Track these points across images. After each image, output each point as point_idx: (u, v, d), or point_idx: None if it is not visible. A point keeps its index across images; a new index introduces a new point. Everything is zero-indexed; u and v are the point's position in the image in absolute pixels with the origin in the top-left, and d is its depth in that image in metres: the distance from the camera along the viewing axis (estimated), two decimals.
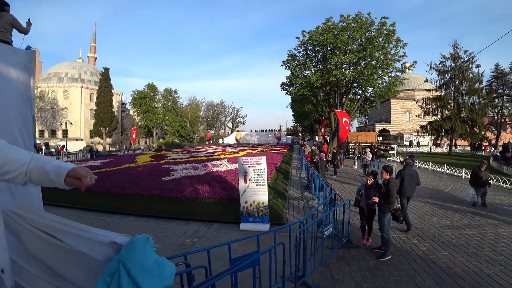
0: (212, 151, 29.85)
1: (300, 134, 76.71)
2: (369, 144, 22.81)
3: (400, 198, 6.72)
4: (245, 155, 23.92)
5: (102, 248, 0.98)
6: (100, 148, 39.31)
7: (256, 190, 6.50)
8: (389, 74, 20.14)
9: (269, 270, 3.44)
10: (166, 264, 0.84)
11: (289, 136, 62.30)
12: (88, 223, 6.14)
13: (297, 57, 22.60)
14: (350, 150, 23.15)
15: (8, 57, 4.65)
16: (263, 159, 6.55)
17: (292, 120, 61.65)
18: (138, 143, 51.80)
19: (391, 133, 52.25)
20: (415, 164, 11.93)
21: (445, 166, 16.02)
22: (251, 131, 62.73)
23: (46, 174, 1.08)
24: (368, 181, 5.49)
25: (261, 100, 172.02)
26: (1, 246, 0.97)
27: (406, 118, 54.29)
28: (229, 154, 24.61)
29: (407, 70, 52.02)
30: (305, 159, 16.15)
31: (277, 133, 59.59)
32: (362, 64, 20.09)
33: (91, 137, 50.06)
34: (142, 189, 9.48)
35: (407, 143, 43.25)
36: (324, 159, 11.17)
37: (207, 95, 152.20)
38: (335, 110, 18.18)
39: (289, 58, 22.52)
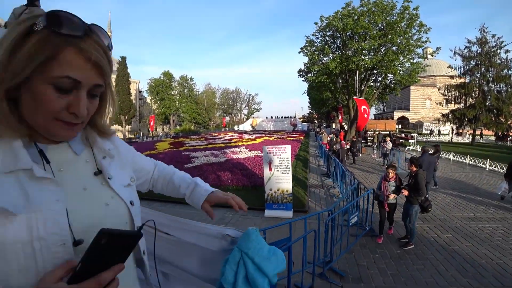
0: (229, 138, 30.19)
1: (316, 121, 76.02)
2: (389, 133, 22.48)
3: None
4: (262, 142, 24.14)
5: (215, 241, 1.16)
6: (120, 135, 40.45)
7: (281, 178, 6.70)
8: (411, 61, 19.55)
9: (302, 255, 3.65)
10: (278, 251, 0.99)
11: (305, 123, 61.89)
12: None
13: (315, 43, 22.22)
14: (369, 138, 22.92)
15: None
16: (288, 148, 6.71)
17: (308, 107, 61.15)
18: (156, 130, 52.86)
19: (410, 121, 50.97)
20: (440, 153, 11.74)
21: (468, 157, 15.65)
22: (266, 118, 62.68)
23: (176, 188, 1.18)
24: (391, 174, 5.47)
25: (276, 87, 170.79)
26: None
27: (426, 105, 52.66)
28: (246, 141, 24.85)
29: (428, 55, 50.20)
30: (324, 147, 16.21)
31: (292, 120, 59.27)
32: (382, 50, 19.57)
33: (111, 125, 51.23)
34: None
35: (427, 132, 41.93)
36: (345, 147, 11.20)
37: (222, 82, 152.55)
38: (354, 97, 17.94)
39: (307, 44, 22.18)
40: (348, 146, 14.44)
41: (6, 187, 0.58)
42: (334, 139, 15.46)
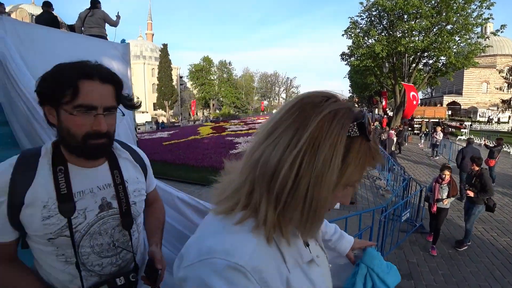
0: None
1: (356, 106, 72.90)
2: (438, 121, 21.08)
3: (460, 173, 7.86)
4: None
5: (343, 257, 1.32)
6: (164, 120, 42.62)
7: None
8: (468, 41, 17.73)
9: None
10: (393, 266, 1.17)
11: None
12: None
13: (360, 25, 21.08)
14: (415, 126, 21.73)
15: (109, 52, 5.38)
16: None
17: (349, 91, 58.71)
18: (197, 114, 54.67)
19: (462, 107, 46.42)
20: (503, 147, 10.74)
21: None
22: None
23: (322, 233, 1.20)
24: (446, 177, 4.99)
25: (314, 69, 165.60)
26: None
27: (482, 89, 46.93)
28: None
29: (489, 33, 44.48)
30: None
31: None
32: (434, 30, 17.99)
33: (154, 109, 54.25)
34: (215, 162, 10.42)
35: (483, 119, 37.01)
36: (393, 137, 10.82)
37: (260, 65, 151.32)
38: (402, 83, 16.97)
39: (350, 26, 21.14)
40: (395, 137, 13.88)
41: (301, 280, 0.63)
42: (379, 127, 14.95)
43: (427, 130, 17.60)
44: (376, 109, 35.69)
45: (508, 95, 28.00)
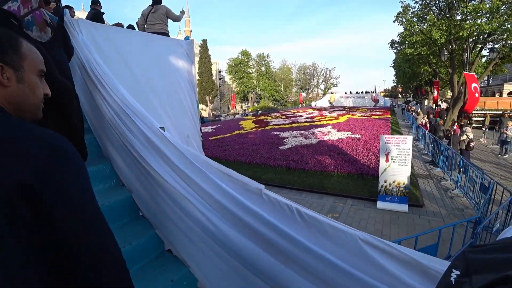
0: (309, 115, 29.69)
1: (400, 96, 69.03)
2: (503, 114, 18.99)
3: None
4: (346, 121, 23.14)
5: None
6: (205, 114, 43.66)
7: (398, 170, 6.35)
8: None
9: None
10: None
11: (387, 98, 56.68)
12: None
13: (413, 9, 19.39)
14: (474, 119, 19.82)
15: (176, 50, 5.31)
16: (409, 138, 6.26)
17: (393, 80, 55.37)
18: (235, 108, 55.27)
19: None
20: None
21: None
22: (345, 93, 59.39)
23: None
24: None
25: (353, 58, 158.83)
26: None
27: None
28: (330, 120, 24.13)
29: None
30: (423, 129, 14.67)
31: (374, 95, 54.83)
32: (503, 9, 15.86)
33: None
34: (267, 159, 10.28)
35: None
36: (459, 133, 9.88)
37: (297, 56, 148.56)
38: (464, 72, 15.37)
39: (402, 10, 19.56)
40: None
41: None
42: (439, 122, 13.79)
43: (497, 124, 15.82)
44: (426, 100, 33.16)
45: None
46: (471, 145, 9.71)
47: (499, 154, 12.22)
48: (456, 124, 13.66)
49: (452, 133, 10.35)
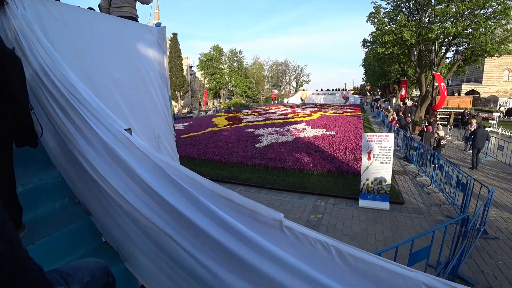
0: (282, 112, 29.70)
1: (368, 94, 71.55)
2: (464, 112, 20.02)
3: (472, 149, 9.98)
4: (319, 118, 23.33)
5: None
6: (175, 110, 42.20)
7: (380, 168, 6.22)
8: (505, 27, 16.35)
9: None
10: None
11: (357, 96, 58.43)
12: None
13: (384, 10, 19.80)
14: (439, 117, 20.72)
15: (146, 37, 4.55)
16: (391, 136, 6.13)
17: (363, 78, 57.14)
18: (207, 104, 54.08)
19: (481, 96, 44.54)
20: None
21: None
22: (316, 90, 60.44)
23: None
24: None
25: (324, 57, 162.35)
26: None
27: (503, 77, 44.95)
28: (303, 117, 24.21)
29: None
30: (395, 126, 15.01)
31: (344, 92, 56.36)
32: (466, 14, 16.54)
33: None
34: (243, 158, 9.86)
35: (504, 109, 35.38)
36: (433, 132, 10.12)
37: (270, 53, 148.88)
38: (434, 73, 15.93)
39: (374, 11, 19.92)
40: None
41: None
42: (406, 120, 14.15)
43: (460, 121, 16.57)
44: (394, 98, 34.41)
45: None
46: (441, 143, 9.97)
47: (464, 150, 12.77)
48: (426, 121, 14.08)
49: (425, 130, 10.57)
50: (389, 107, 22.68)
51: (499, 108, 33.99)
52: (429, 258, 3.56)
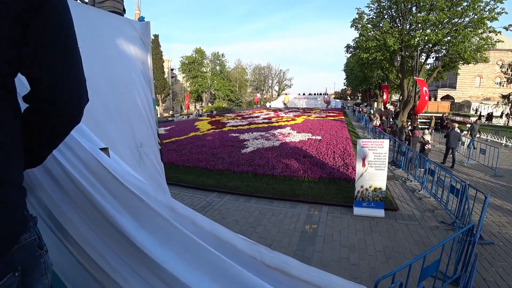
0: (266, 116, 29.56)
1: (349, 98, 73.07)
2: (442, 116, 20.61)
3: (446, 148, 11.28)
4: (304, 122, 23.31)
5: None
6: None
7: (374, 175, 6.04)
8: (482, 35, 17.01)
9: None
10: None
11: (338, 100, 59.48)
12: (188, 202, 5.87)
13: (368, 16, 20.12)
14: (420, 121, 21.22)
15: (127, 32, 3.87)
16: (386, 142, 5.96)
17: (344, 83, 58.26)
18: (189, 108, 53.13)
19: (455, 100, 46.68)
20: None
21: None
22: (299, 94, 61.07)
23: None
24: None
25: (305, 61, 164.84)
26: None
27: (475, 83, 47.40)
28: (287, 121, 24.13)
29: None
30: (380, 130, 15.12)
31: (326, 97, 57.24)
32: (445, 23, 17.06)
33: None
34: (230, 165, 9.45)
35: (477, 113, 37.06)
36: (418, 136, 10.18)
37: (251, 57, 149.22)
38: (415, 78, 16.26)
39: (357, 17, 20.22)
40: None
41: None
42: (397, 124, 14.27)
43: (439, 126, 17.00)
44: (376, 103, 35.15)
45: (507, 89, 27.77)
46: (426, 147, 10.03)
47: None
48: (409, 125, 14.24)
49: (411, 135, 10.61)
50: (373, 112, 23.00)
51: (479, 112, 35.67)
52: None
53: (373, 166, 5.99)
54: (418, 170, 8.55)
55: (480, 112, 29.74)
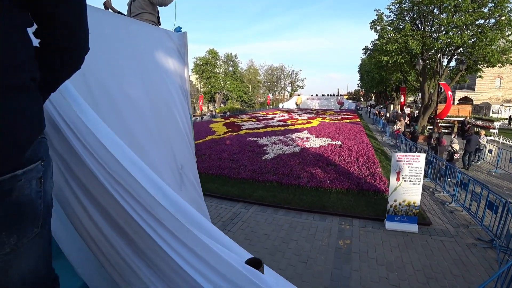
0: (280, 118, 29.44)
1: (362, 99, 72.10)
2: (464, 121, 19.99)
3: (464, 151, 11.47)
4: (320, 124, 23.11)
5: None
6: None
7: (409, 189, 5.89)
8: (508, 38, 16.34)
9: None
10: None
11: (351, 101, 58.71)
12: (215, 214, 5.73)
13: (388, 18, 19.64)
14: (441, 125, 20.70)
15: (165, 44, 3.51)
16: (422, 156, 5.81)
17: (358, 84, 57.43)
18: (202, 109, 53.44)
19: (474, 102, 45.21)
20: None
21: None
22: (311, 95, 60.57)
23: None
24: None
25: (317, 61, 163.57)
26: None
27: (495, 85, 45.79)
28: (303, 123, 23.98)
29: None
30: (401, 135, 14.81)
31: (339, 98, 56.56)
32: (468, 25, 16.44)
33: None
34: (253, 173, 9.39)
35: (497, 116, 35.52)
36: (445, 144, 9.90)
37: (264, 58, 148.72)
38: (439, 82, 15.83)
39: (377, 18, 19.80)
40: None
41: None
42: (416, 129, 13.91)
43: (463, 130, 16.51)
44: (392, 105, 34.48)
45: None
46: (455, 157, 9.74)
47: (472, 161, 12.62)
48: (436, 132, 13.87)
49: (438, 143, 10.34)
50: (389, 114, 22.53)
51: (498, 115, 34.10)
52: None
53: (408, 180, 5.85)
54: (447, 180, 8.31)
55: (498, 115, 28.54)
